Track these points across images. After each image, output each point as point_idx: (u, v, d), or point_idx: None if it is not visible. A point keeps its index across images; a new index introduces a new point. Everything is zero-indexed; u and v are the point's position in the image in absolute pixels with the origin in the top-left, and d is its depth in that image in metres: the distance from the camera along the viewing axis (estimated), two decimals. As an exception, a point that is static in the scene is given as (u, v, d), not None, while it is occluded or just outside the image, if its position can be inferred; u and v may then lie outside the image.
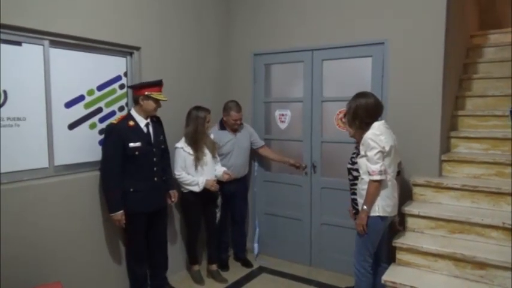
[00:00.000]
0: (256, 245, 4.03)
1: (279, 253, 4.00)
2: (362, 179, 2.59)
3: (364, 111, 2.56)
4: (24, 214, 2.47)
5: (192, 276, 3.54)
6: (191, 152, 3.17)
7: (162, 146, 3.08)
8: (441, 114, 3.13)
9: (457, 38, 3.67)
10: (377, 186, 2.51)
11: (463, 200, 2.95)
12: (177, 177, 3.21)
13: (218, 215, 3.55)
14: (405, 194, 3.22)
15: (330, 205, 3.65)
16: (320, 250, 3.76)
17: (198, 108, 3.24)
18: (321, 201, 3.71)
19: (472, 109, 3.66)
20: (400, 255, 2.81)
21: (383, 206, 2.53)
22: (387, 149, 2.50)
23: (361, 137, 2.57)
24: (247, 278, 3.60)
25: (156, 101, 2.89)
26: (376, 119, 2.60)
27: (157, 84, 2.91)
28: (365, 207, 2.55)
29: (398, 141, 3.08)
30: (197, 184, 3.20)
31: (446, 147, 3.38)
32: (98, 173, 2.87)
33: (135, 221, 2.87)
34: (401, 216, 2.97)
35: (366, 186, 2.54)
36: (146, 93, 2.84)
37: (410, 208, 2.96)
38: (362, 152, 2.56)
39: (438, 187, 3.03)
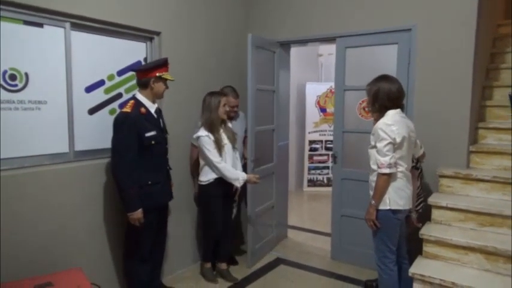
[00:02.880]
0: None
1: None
2: (373, 170, 2.48)
3: (385, 95, 2.43)
4: (44, 199, 2.44)
5: (203, 274, 3.34)
6: (213, 138, 3.03)
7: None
8: (470, 104, 3.02)
9: (486, 26, 3.54)
10: (386, 179, 2.38)
11: (493, 193, 2.85)
12: (216, 165, 3.01)
13: (234, 210, 3.46)
14: (429, 186, 3.14)
15: (350, 197, 3.57)
16: (340, 242, 3.68)
17: (212, 93, 3.11)
18: (342, 192, 3.63)
19: (501, 99, 3.53)
20: (427, 248, 2.72)
21: (394, 198, 2.40)
22: (398, 140, 2.35)
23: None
24: (264, 270, 3.54)
25: (165, 82, 2.70)
26: (396, 106, 2.45)
27: (165, 64, 2.71)
28: (373, 201, 2.44)
29: (424, 132, 3.01)
30: (238, 179, 3.06)
31: (474, 139, 3.26)
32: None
33: (150, 216, 2.64)
34: (428, 208, 2.88)
35: (376, 178, 2.44)
36: (158, 74, 2.63)
37: (437, 200, 2.87)
38: (372, 143, 2.45)
39: (467, 178, 2.92)
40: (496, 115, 3.43)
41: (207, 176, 3.10)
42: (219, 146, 3.03)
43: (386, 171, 2.35)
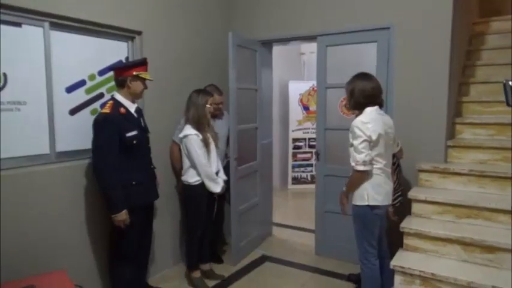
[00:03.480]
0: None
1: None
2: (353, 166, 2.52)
3: (360, 93, 2.46)
4: (25, 201, 2.40)
5: (194, 285, 3.16)
6: (201, 137, 2.98)
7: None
8: (447, 100, 3.11)
9: (462, 24, 3.64)
10: (360, 176, 2.42)
11: (470, 185, 2.95)
12: (204, 168, 2.96)
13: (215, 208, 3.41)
14: (409, 180, 3.22)
15: (333, 193, 3.61)
16: (324, 238, 3.74)
17: (199, 91, 3.08)
18: (325, 189, 3.69)
19: (476, 95, 3.64)
20: (407, 241, 2.80)
21: (372, 195, 2.44)
22: (374, 137, 2.37)
23: None
24: (250, 267, 3.56)
25: (144, 81, 2.67)
26: (373, 103, 2.48)
27: (144, 63, 2.68)
28: (344, 188, 2.58)
29: (404, 127, 3.08)
30: (219, 184, 3.05)
31: (451, 134, 3.36)
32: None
33: (135, 216, 2.61)
34: (408, 202, 2.96)
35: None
36: (135, 73, 2.59)
37: (416, 194, 2.95)
38: (350, 140, 2.48)
39: (445, 172, 3.02)
40: (472, 110, 3.54)
41: (194, 177, 3.03)
42: (206, 145, 3.00)
43: (361, 168, 2.39)
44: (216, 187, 3.05)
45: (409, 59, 3.20)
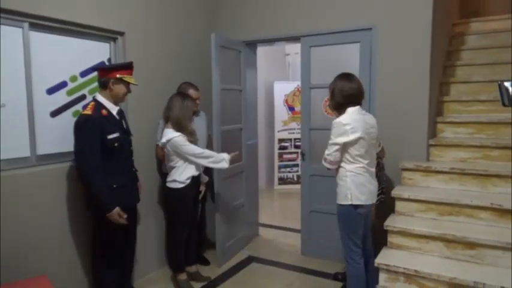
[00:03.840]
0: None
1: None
2: (340, 166, 2.55)
3: (339, 93, 2.49)
4: (5, 205, 2.35)
5: (180, 287, 3.13)
6: (185, 137, 2.93)
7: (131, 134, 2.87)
8: (429, 99, 3.16)
9: (442, 26, 3.71)
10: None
11: (451, 183, 3.00)
12: (202, 155, 2.95)
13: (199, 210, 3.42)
14: (393, 179, 3.26)
15: (318, 192, 3.65)
16: (310, 238, 3.76)
17: (180, 93, 3.08)
18: (310, 188, 3.71)
19: (457, 95, 3.72)
20: (391, 239, 2.83)
21: (356, 194, 2.46)
22: (352, 138, 2.40)
23: None
24: (236, 268, 3.56)
25: (127, 85, 2.64)
26: (353, 104, 2.49)
27: (129, 67, 2.65)
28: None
29: (387, 127, 3.12)
30: (224, 159, 3.01)
31: (432, 133, 3.42)
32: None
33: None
34: (392, 201, 3.00)
35: (340, 174, 2.53)
36: (118, 76, 2.56)
37: (399, 192, 2.98)
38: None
39: (427, 171, 3.06)
40: (453, 110, 3.61)
41: (181, 178, 2.97)
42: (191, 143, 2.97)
43: (327, 165, 2.53)
44: (224, 163, 3.03)
45: (391, 59, 3.24)
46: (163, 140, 2.93)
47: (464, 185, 2.96)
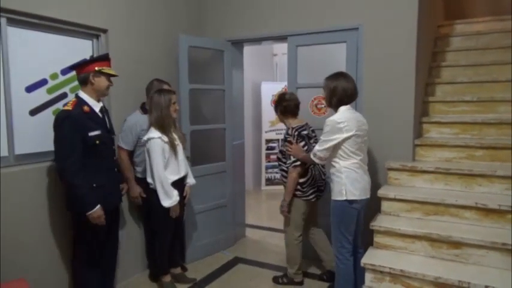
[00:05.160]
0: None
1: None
2: (331, 164, 2.59)
3: (343, 92, 2.52)
4: (-19, 206, 2.27)
5: None
6: (166, 139, 2.81)
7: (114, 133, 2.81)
8: (414, 99, 3.17)
9: (427, 27, 3.74)
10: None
11: (436, 183, 3.01)
12: (160, 178, 2.77)
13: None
14: (380, 179, 3.26)
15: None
16: (296, 238, 3.73)
17: (160, 91, 2.91)
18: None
19: (442, 95, 3.74)
20: (377, 238, 2.83)
21: (350, 189, 2.49)
22: (346, 135, 2.46)
23: None
24: (222, 269, 3.52)
25: (108, 77, 2.56)
26: (348, 103, 2.55)
27: (106, 59, 2.58)
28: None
29: (373, 127, 3.10)
30: (171, 199, 2.81)
31: (418, 133, 3.43)
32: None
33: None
34: (377, 200, 2.99)
35: (333, 170, 2.57)
36: (97, 68, 2.49)
37: (385, 192, 2.98)
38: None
39: (413, 171, 3.07)
40: (438, 110, 3.63)
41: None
42: (173, 147, 2.84)
43: (316, 160, 2.60)
44: (166, 201, 2.81)
45: (377, 59, 3.24)
46: (145, 137, 2.82)
47: (449, 185, 2.97)
